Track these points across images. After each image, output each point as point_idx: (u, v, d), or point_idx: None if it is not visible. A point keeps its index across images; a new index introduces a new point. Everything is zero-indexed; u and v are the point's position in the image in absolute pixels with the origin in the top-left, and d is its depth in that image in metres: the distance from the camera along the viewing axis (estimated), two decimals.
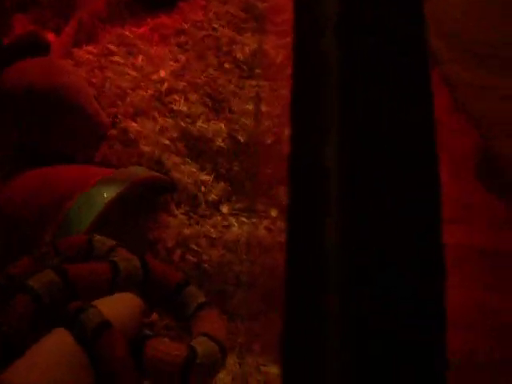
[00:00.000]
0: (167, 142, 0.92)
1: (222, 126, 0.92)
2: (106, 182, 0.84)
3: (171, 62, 0.97)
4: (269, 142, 0.92)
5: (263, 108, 0.93)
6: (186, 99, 0.95)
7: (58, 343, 0.54)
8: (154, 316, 0.73)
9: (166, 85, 0.96)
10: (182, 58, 0.98)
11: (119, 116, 0.94)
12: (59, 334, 0.54)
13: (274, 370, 0.86)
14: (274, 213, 0.90)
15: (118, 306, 0.60)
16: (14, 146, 0.95)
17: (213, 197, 0.90)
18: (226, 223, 0.89)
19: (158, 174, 0.89)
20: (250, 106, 0.93)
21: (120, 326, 0.55)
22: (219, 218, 0.89)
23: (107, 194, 0.81)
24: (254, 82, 0.96)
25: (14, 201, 0.91)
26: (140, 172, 0.87)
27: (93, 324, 0.53)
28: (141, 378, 0.57)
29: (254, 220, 0.89)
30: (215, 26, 1.00)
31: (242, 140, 0.91)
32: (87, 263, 0.66)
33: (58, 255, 0.67)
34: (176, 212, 0.89)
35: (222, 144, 0.91)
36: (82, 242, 0.69)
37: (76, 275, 0.59)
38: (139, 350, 0.57)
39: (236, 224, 0.89)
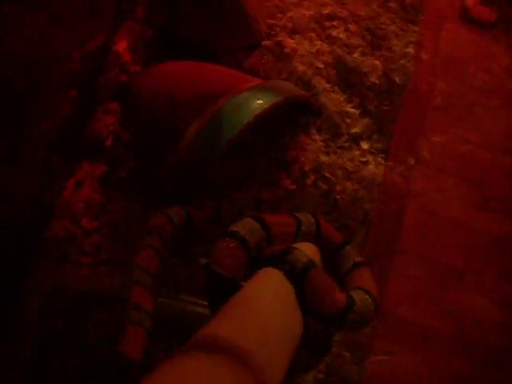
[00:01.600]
0: (321, 65, 0.89)
1: (379, 63, 0.90)
2: (260, 90, 0.81)
3: None
4: (423, 89, 0.89)
5: (423, 55, 0.91)
6: (346, 29, 0.92)
7: (272, 281, 0.55)
8: None
9: (328, 9, 0.93)
10: None
11: (276, 29, 0.91)
12: (271, 273, 0.56)
13: None
14: (411, 161, 0.88)
15: (309, 251, 0.62)
16: (160, 30, 0.92)
17: (355, 130, 0.88)
18: (363, 159, 0.87)
19: (308, 94, 0.87)
20: (410, 50, 0.90)
21: None
22: (357, 152, 0.87)
23: (262, 101, 0.79)
24: (416, 28, 0.93)
25: (153, 89, 0.88)
26: (293, 88, 0.85)
27: (300, 263, 0.55)
28: None
29: (390, 163, 0.88)
30: None
31: (397, 81, 0.89)
32: (275, 214, 0.71)
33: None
34: (316, 137, 0.87)
35: (375, 80, 0.89)
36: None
37: (271, 223, 0.61)
38: None
39: (373, 163, 0.87)
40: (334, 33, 0.91)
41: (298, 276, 0.55)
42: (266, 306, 0.52)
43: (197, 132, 0.79)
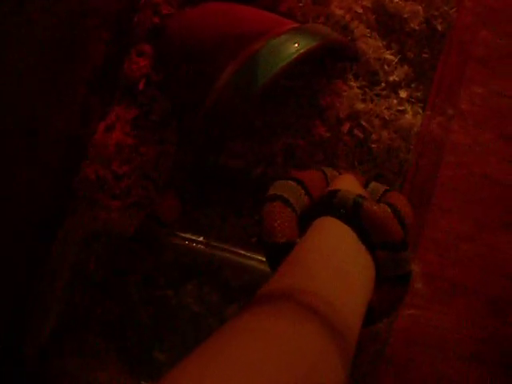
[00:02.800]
0: (360, 10, 0.86)
1: (420, 8, 0.86)
2: (297, 33, 0.79)
3: None
4: (465, 38, 0.86)
5: (466, 3, 0.87)
6: None
7: (327, 228, 0.54)
8: None
9: None
10: None
11: None
12: (324, 222, 0.55)
13: None
14: (450, 111, 0.86)
15: (350, 184, 0.62)
16: None
17: (394, 78, 0.85)
18: (401, 108, 0.85)
19: (346, 39, 0.85)
20: None
21: None
22: (395, 101, 0.85)
23: (300, 45, 0.76)
24: None
25: (187, 31, 0.87)
26: (330, 33, 0.82)
27: (349, 201, 0.54)
28: None
29: (428, 113, 0.85)
30: None
31: (438, 28, 0.86)
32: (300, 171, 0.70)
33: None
34: (352, 84, 0.85)
35: (416, 27, 0.86)
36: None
37: (302, 177, 0.61)
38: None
39: (410, 112, 0.85)
40: None
41: (352, 215, 0.53)
42: (327, 251, 0.51)
43: (232, 75, 0.77)
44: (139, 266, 0.86)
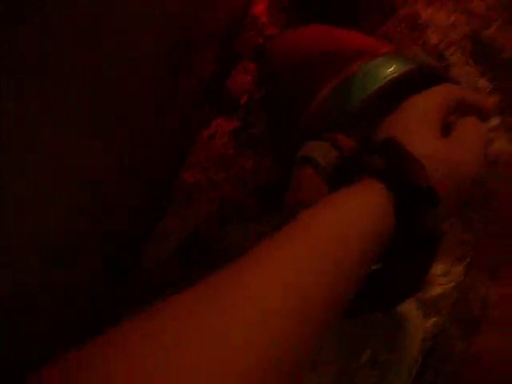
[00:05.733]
0: (456, 37, 0.90)
1: None
2: (393, 57, 0.83)
3: None
4: None
5: None
6: (485, 2, 0.92)
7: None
8: None
9: None
10: None
11: None
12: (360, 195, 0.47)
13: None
14: None
15: None
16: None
17: None
18: (491, 135, 0.87)
19: (440, 65, 0.88)
20: None
21: None
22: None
23: (394, 68, 0.80)
24: None
25: (288, 51, 0.92)
26: (425, 58, 0.86)
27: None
28: None
29: None
30: None
31: None
32: None
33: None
34: None
35: (510, 57, 0.88)
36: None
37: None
38: None
39: (503, 139, 0.87)
40: (471, 5, 0.91)
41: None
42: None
43: (328, 94, 0.82)
44: None
